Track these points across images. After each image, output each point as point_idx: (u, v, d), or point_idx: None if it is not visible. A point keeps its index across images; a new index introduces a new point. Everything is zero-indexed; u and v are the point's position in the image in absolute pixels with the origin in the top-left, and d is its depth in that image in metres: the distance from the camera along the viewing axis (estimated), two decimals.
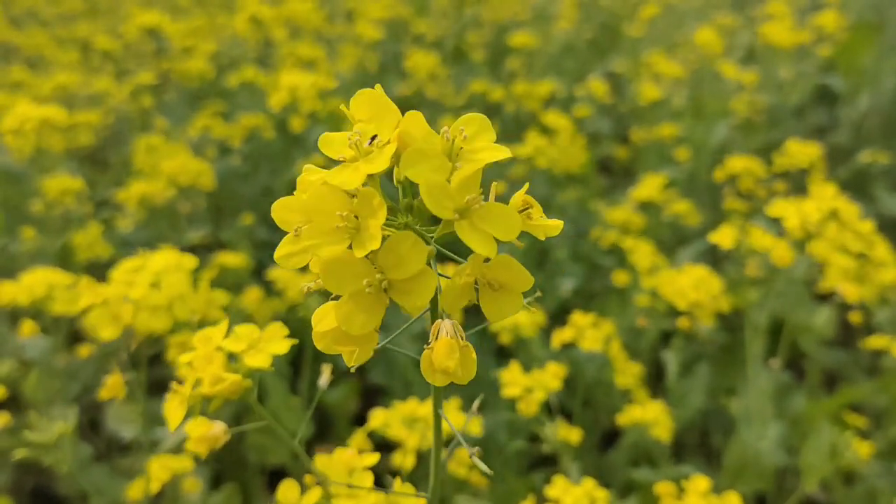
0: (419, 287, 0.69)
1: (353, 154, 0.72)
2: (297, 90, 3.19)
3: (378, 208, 0.67)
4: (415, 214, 0.72)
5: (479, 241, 0.67)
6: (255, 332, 1.01)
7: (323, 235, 0.68)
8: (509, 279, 0.72)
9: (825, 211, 2.03)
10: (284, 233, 0.75)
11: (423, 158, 0.68)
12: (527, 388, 1.97)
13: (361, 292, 0.69)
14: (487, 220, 0.69)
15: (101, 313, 1.40)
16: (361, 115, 0.75)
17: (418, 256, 0.67)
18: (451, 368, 0.69)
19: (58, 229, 3.20)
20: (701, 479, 1.64)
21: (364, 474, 1.07)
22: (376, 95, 0.74)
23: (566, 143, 3.71)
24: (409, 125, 0.71)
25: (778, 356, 2.69)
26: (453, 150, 0.73)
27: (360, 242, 0.67)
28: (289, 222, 0.72)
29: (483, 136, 0.76)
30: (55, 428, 1.34)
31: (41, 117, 2.78)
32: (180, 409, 0.94)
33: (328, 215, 0.68)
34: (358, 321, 0.70)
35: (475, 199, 0.68)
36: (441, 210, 0.67)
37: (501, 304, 0.73)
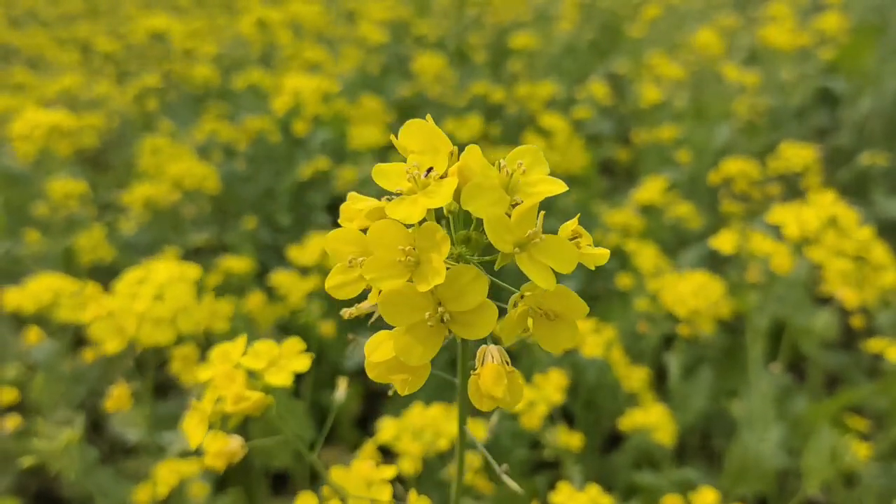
0: (480, 319, 0.69)
1: (410, 186, 0.72)
2: (300, 94, 3.20)
3: (441, 242, 0.67)
4: (470, 246, 0.73)
5: (540, 273, 0.68)
6: (273, 349, 1.01)
7: (383, 269, 0.68)
8: (565, 309, 0.72)
9: (824, 218, 2.04)
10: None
11: (483, 192, 0.69)
12: (530, 401, 1.98)
13: (422, 324, 0.69)
14: (546, 252, 0.70)
15: (105, 326, 1.40)
16: (413, 147, 0.75)
17: (479, 289, 0.68)
18: (499, 395, 0.70)
19: (61, 232, 3.21)
20: (707, 490, 1.64)
21: (382, 487, 1.07)
22: (427, 126, 0.75)
23: (564, 145, 3.72)
24: (469, 159, 0.71)
25: (779, 359, 2.70)
26: (511, 184, 0.74)
27: (423, 276, 0.67)
28: (342, 253, 0.72)
29: (537, 168, 0.77)
30: (62, 435, 1.35)
31: (51, 123, 2.79)
32: (201, 426, 0.94)
33: (388, 248, 0.68)
34: (416, 353, 0.70)
35: (535, 233, 0.69)
36: (503, 244, 0.68)
37: (558, 333, 0.73)
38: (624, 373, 2.44)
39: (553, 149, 3.64)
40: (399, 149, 0.77)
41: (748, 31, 5.88)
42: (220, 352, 1.01)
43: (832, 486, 2.49)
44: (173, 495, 1.89)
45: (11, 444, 2.30)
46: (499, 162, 0.74)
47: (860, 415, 2.63)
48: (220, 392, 0.94)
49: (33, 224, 3.30)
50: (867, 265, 2.17)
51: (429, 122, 0.75)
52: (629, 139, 4.84)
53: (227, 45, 5.84)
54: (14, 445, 2.25)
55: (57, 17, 7.72)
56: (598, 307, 3.23)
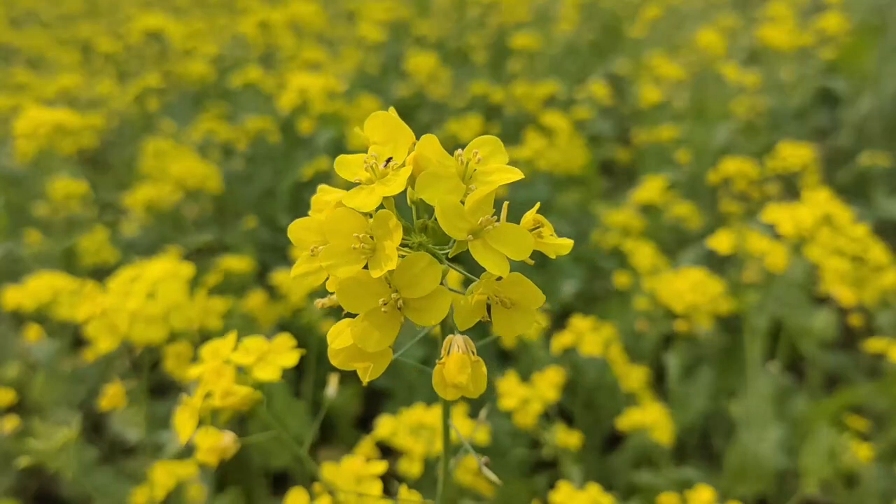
0: (434, 305, 0.70)
1: (368, 176, 0.74)
2: (307, 92, 3.20)
3: (394, 230, 0.69)
4: (429, 234, 0.74)
5: (493, 261, 0.69)
6: (263, 345, 1.02)
7: (340, 256, 0.70)
8: (521, 297, 0.73)
9: (818, 216, 2.04)
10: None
11: (437, 181, 0.71)
12: (524, 399, 1.98)
13: (377, 311, 0.70)
14: (500, 240, 0.71)
15: (99, 325, 1.40)
16: (376, 138, 0.77)
17: (433, 276, 0.69)
18: (462, 383, 0.71)
19: (62, 233, 3.22)
20: (704, 488, 1.65)
21: (372, 482, 1.09)
22: (390, 118, 0.76)
23: (565, 144, 3.71)
24: (424, 148, 0.73)
25: (777, 359, 2.70)
26: (467, 172, 0.75)
27: (377, 263, 0.69)
28: (305, 242, 0.74)
29: (496, 157, 0.79)
30: (59, 435, 1.35)
31: (55, 121, 2.80)
32: (191, 421, 0.95)
33: (345, 236, 0.70)
34: (373, 339, 0.71)
35: (488, 220, 0.70)
36: (455, 231, 0.69)
37: (514, 321, 0.75)
38: (623, 371, 2.44)
39: (554, 147, 3.64)
40: (364, 140, 0.78)
41: (748, 31, 5.88)
42: (211, 348, 1.02)
43: (832, 487, 2.49)
44: (171, 497, 1.89)
45: (11, 445, 2.30)
46: (457, 151, 0.75)
47: (860, 415, 2.63)
48: (209, 387, 0.95)
49: (34, 224, 3.30)
50: (866, 265, 2.17)
51: (392, 115, 0.77)
52: (629, 139, 4.84)
53: (227, 45, 5.84)
54: (14, 446, 2.25)
55: (57, 17, 7.73)
56: (596, 307, 3.23)
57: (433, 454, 1.67)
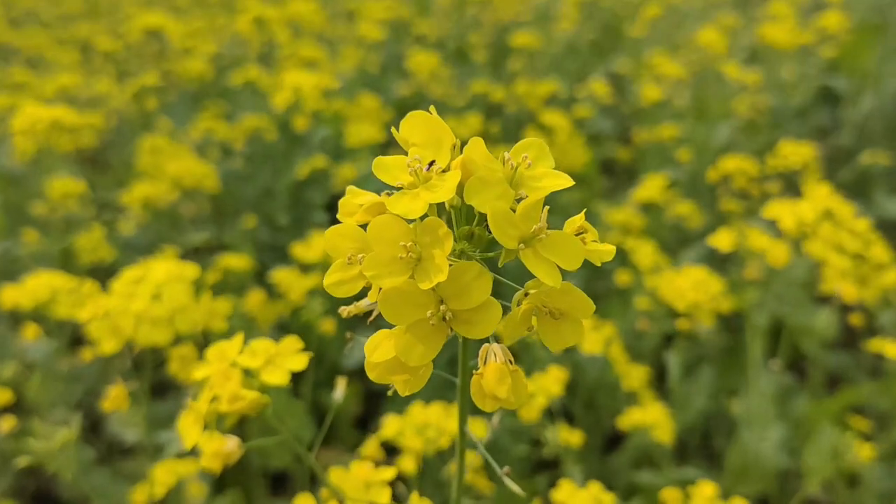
0: (483, 317, 0.67)
1: (412, 180, 0.70)
2: (300, 89, 3.19)
3: (444, 238, 0.65)
4: (473, 242, 0.71)
5: (545, 270, 0.66)
6: (270, 347, 0.99)
7: (384, 266, 0.66)
8: (570, 307, 0.70)
9: (819, 210, 2.03)
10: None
11: (486, 187, 0.67)
12: (528, 394, 1.97)
13: (423, 323, 0.67)
14: (551, 249, 0.68)
15: (102, 326, 1.39)
16: (416, 139, 0.72)
17: (483, 286, 0.66)
18: (502, 395, 0.68)
19: (60, 232, 3.20)
20: (707, 484, 1.63)
21: (381, 489, 1.05)
22: (431, 118, 0.72)
23: (564, 143, 3.70)
24: (472, 151, 0.69)
25: (779, 358, 2.69)
26: (515, 177, 0.72)
27: (425, 274, 0.65)
28: (341, 249, 0.70)
29: (542, 162, 0.75)
30: (58, 435, 1.34)
31: (52, 118, 2.78)
32: (196, 426, 0.92)
33: (389, 244, 0.66)
34: (417, 352, 0.68)
35: (540, 228, 0.67)
36: (507, 239, 0.66)
37: (563, 332, 0.71)
38: (624, 370, 2.43)
39: (553, 146, 3.63)
40: (400, 142, 0.74)
41: (749, 30, 5.87)
42: (217, 350, 0.99)
43: (834, 487, 2.48)
44: (171, 496, 1.88)
45: (9, 445, 2.29)
46: (503, 155, 0.72)
47: (862, 415, 2.62)
48: (215, 391, 0.92)
49: (32, 224, 3.29)
50: (867, 263, 2.16)
51: (432, 114, 0.73)
52: (630, 139, 4.82)
53: (226, 44, 5.83)
54: (11, 446, 2.24)
55: (57, 17, 7.71)
56: (597, 306, 3.22)
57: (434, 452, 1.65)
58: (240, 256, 2.95)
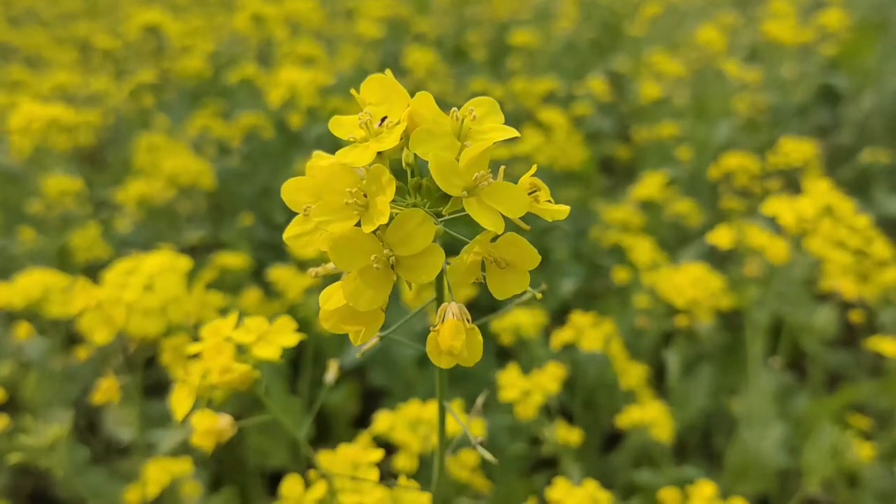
0: (426, 263, 0.70)
1: (363, 134, 0.74)
2: (295, 86, 3.18)
3: (387, 185, 0.69)
4: (423, 194, 0.74)
5: (487, 217, 0.69)
6: (264, 324, 1.01)
7: (332, 212, 0.70)
8: (516, 257, 0.74)
9: (819, 206, 2.02)
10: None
11: (432, 137, 0.71)
12: (525, 391, 1.96)
13: (369, 268, 0.70)
14: (495, 197, 0.71)
15: (94, 317, 1.38)
16: (372, 99, 0.76)
17: (426, 233, 0.69)
18: (457, 349, 0.70)
19: (57, 230, 3.19)
20: (706, 483, 1.62)
21: (369, 469, 1.09)
22: (387, 80, 0.76)
23: (562, 140, 3.69)
24: (419, 105, 0.73)
25: (779, 356, 2.68)
26: (462, 130, 0.75)
27: (369, 218, 0.69)
28: (299, 203, 0.74)
29: (492, 117, 0.79)
30: (50, 432, 1.33)
31: (48, 117, 2.77)
32: (188, 399, 0.93)
33: (338, 193, 0.70)
34: (365, 297, 0.71)
35: (483, 176, 0.70)
36: (450, 187, 0.69)
37: (508, 281, 0.75)
38: (623, 368, 2.41)
39: (551, 143, 3.62)
40: (360, 102, 0.78)
41: (749, 29, 5.86)
42: (212, 327, 1.01)
43: (835, 486, 2.47)
44: (166, 494, 1.86)
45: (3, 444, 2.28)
46: (452, 110, 0.76)
47: (862, 414, 2.61)
48: (207, 364, 0.93)
49: (28, 222, 3.27)
50: (868, 260, 2.14)
51: (388, 76, 0.77)
52: (629, 137, 4.81)
53: (224, 42, 5.82)
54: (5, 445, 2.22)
55: (56, 16, 7.70)
56: (596, 305, 3.21)
57: (430, 450, 1.64)
58: (237, 255, 2.94)
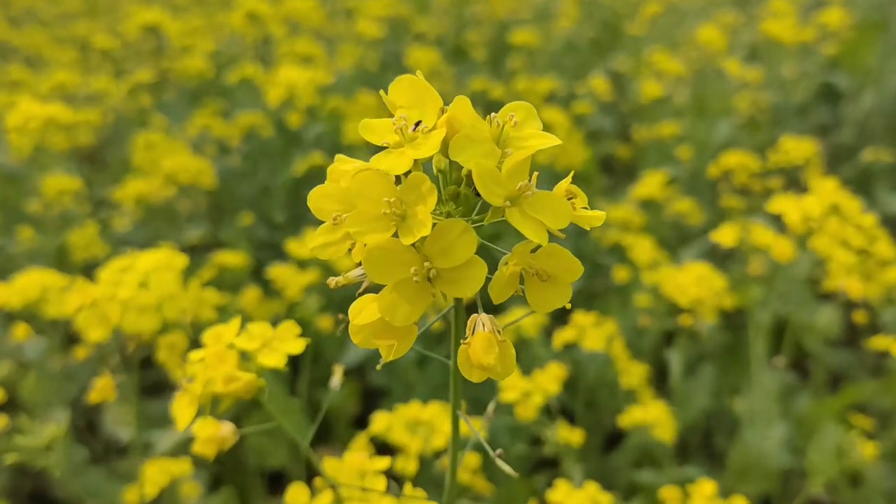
0: (468, 276, 0.66)
1: (397, 140, 0.70)
2: (294, 85, 3.16)
3: (427, 194, 0.65)
4: (459, 203, 0.71)
5: (531, 228, 0.66)
6: (268, 331, 0.98)
7: (367, 222, 0.66)
8: (558, 269, 0.70)
9: (826, 205, 2.01)
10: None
11: (472, 144, 0.67)
12: (525, 392, 1.94)
13: (407, 282, 0.66)
14: (537, 207, 0.68)
15: (89, 315, 1.37)
16: (402, 102, 0.73)
17: (468, 244, 0.66)
18: (489, 364, 0.67)
19: (55, 229, 3.18)
20: (707, 482, 1.61)
21: (376, 477, 1.06)
22: (417, 81, 0.73)
23: (563, 139, 3.68)
24: (458, 110, 0.69)
25: (782, 356, 2.67)
26: (502, 137, 0.72)
27: (408, 229, 0.65)
28: (326, 211, 0.71)
29: (531, 123, 0.75)
30: (46, 431, 1.32)
31: (46, 115, 2.76)
32: (190, 408, 0.91)
33: (373, 201, 0.66)
34: (402, 312, 0.67)
35: (527, 186, 0.67)
36: (492, 196, 0.66)
37: (549, 294, 0.71)
38: (624, 368, 2.40)
39: None
40: (388, 105, 0.74)
41: (749, 27, 5.85)
42: (213, 333, 0.98)
43: (837, 486, 2.46)
44: (165, 495, 1.85)
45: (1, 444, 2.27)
46: (490, 115, 0.72)
47: (864, 413, 2.59)
48: (210, 373, 0.90)
49: (27, 221, 3.26)
50: (872, 259, 2.13)
51: (419, 78, 0.73)
52: (630, 136, 4.80)
53: (224, 42, 5.81)
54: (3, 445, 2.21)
55: (56, 15, 7.69)
56: (597, 304, 3.20)
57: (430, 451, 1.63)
58: (236, 254, 2.93)
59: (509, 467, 0.82)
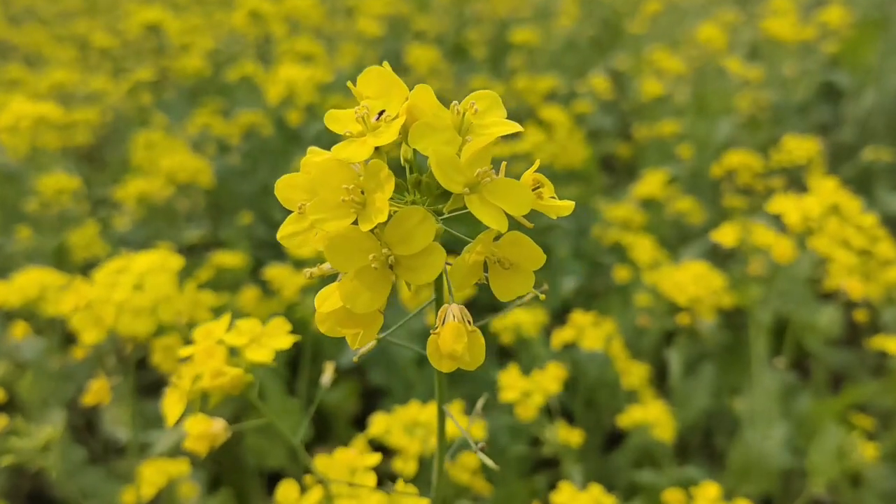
0: (426, 263, 0.67)
1: (360, 129, 0.71)
2: (294, 83, 3.16)
3: (385, 181, 0.66)
4: (422, 191, 0.71)
5: (490, 214, 0.66)
6: (257, 327, 0.99)
7: (329, 210, 0.67)
8: (520, 257, 0.71)
9: (826, 205, 2.00)
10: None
11: (432, 131, 0.68)
12: (525, 391, 1.94)
13: (367, 269, 0.67)
14: (498, 194, 0.68)
15: (84, 316, 1.37)
16: (369, 92, 0.74)
17: (426, 231, 0.66)
18: (458, 352, 0.68)
19: (54, 228, 3.17)
20: (710, 485, 1.60)
21: (366, 474, 1.06)
22: (384, 72, 0.73)
23: (564, 138, 3.67)
24: (418, 99, 0.70)
25: (783, 356, 2.66)
26: (464, 125, 0.72)
27: (367, 216, 0.66)
28: (293, 200, 0.72)
29: (494, 111, 0.76)
30: (43, 433, 1.31)
31: (37, 115, 2.75)
32: (180, 403, 0.92)
33: (334, 190, 0.67)
34: (363, 299, 0.68)
35: (486, 172, 0.67)
36: (451, 183, 0.66)
37: (511, 282, 0.72)
38: (624, 368, 2.39)
39: (553, 141, 3.60)
40: (356, 95, 0.75)
41: (749, 26, 5.84)
42: (204, 330, 0.99)
43: (838, 486, 2.45)
44: (163, 495, 1.84)
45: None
46: (452, 104, 0.73)
47: (865, 413, 2.59)
48: (198, 368, 0.91)
49: (26, 220, 3.25)
50: (873, 259, 2.12)
51: (386, 69, 0.74)
52: (630, 135, 4.79)
53: (224, 40, 5.80)
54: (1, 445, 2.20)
55: (55, 14, 7.69)
56: (597, 303, 3.19)
57: (429, 453, 1.62)
58: (234, 254, 2.92)
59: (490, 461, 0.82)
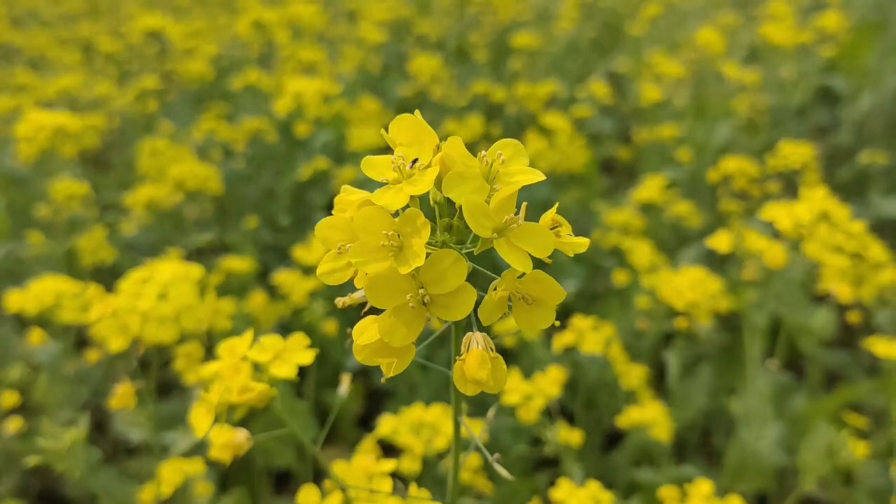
0: (459, 301, 0.73)
1: (396, 176, 0.76)
2: (302, 96, 3.21)
3: (422, 228, 0.71)
4: (452, 233, 0.77)
5: (516, 258, 0.72)
6: (279, 343, 1.05)
7: (369, 253, 0.72)
8: (542, 294, 0.76)
9: (816, 212, 2.06)
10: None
11: (463, 181, 0.73)
12: (526, 395, 2.00)
13: (404, 307, 0.73)
14: (523, 238, 0.73)
15: (109, 325, 1.43)
16: (402, 139, 0.79)
17: (459, 272, 0.72)
18: (483, 379, 0.73)
19: (64, 233, 3.23)
20: (704, 482, 1.66)
21: (383, 479, 1.12)
22: (415, 121, 0.79)
23: (565, 144, 3.72)
24: (450, 149, 0.75)
25: (777, 357, 2.72)
26: (491, 173, 0.78)
27: (405, 260, 0.71)
28: (332, 240, 0.77)
29: (517, 159, 0.82)
30: (67, 435, 1.37)
31: (55, 125, 2.80)
32: (208, 417, 0.97)
33: (373, 234, 0.72)
34: (399, 334, 0.73)
35: (513, 219, 0.73)
36: (481, 229, 0.72)
37: (534, 317, 0.77)
38: (623, 369, 2.45)
39: (554, 148, 3.65)
40: (389, 142, 0.81)
41: (748, 29, 5.88)
42: (227, 346, 1.04)
43: (831, 484, 2.51)
44: (177, 495, 1.90)
45: (15, 446, 2.32)
46: (481, 153, 0.78)
47: (859, 413, 2.64)
48: (226, 383, 0.97)
49: (36, 226, 3.31)
50: (865, 263, 2.18)
51: (417, 117, 0.79)
52: (630, 138, 4.84)
53: (227, 45, 5.85)
54: (18, 446, 2.26)
55: (58, 16, 7.73)
56: (597, 306, 3.24)
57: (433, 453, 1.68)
58: (242, 259, 2.97)
59: (506, 471, 0.88)
